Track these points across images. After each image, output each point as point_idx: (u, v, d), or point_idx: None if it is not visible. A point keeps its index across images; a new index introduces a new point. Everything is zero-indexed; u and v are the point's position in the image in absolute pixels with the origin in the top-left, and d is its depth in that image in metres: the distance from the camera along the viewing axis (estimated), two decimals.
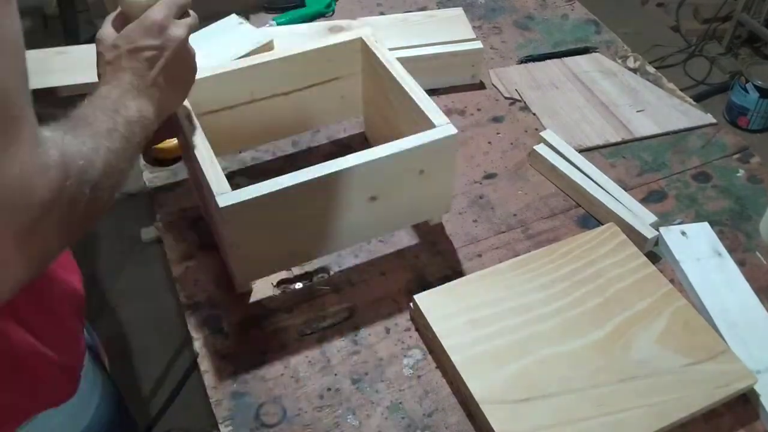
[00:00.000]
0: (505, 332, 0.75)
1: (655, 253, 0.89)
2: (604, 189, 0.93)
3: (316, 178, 0.74)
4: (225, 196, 0.72)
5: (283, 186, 0.73)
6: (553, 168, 0.97)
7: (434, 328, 0.76)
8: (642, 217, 0.89)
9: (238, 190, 0.72)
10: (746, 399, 0.74)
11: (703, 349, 0.74)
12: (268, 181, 0.73)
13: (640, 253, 0.84)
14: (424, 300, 0.79)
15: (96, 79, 0.68)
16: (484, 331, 0.76)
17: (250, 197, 0.72)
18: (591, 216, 0.93)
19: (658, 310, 0.78)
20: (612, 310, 0.78)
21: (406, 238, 0.90)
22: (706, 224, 0.91)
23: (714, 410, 0.72)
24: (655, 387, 0.71)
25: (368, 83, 0.95)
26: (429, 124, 0.80)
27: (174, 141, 0.98)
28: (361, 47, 0.92)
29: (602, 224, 0.92)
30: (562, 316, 0.77)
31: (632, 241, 0.89)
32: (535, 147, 1.00)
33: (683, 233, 0.89)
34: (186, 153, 0.85)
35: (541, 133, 1.01)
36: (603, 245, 0.85)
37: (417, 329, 0.80)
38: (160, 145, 0.98)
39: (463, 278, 0.81)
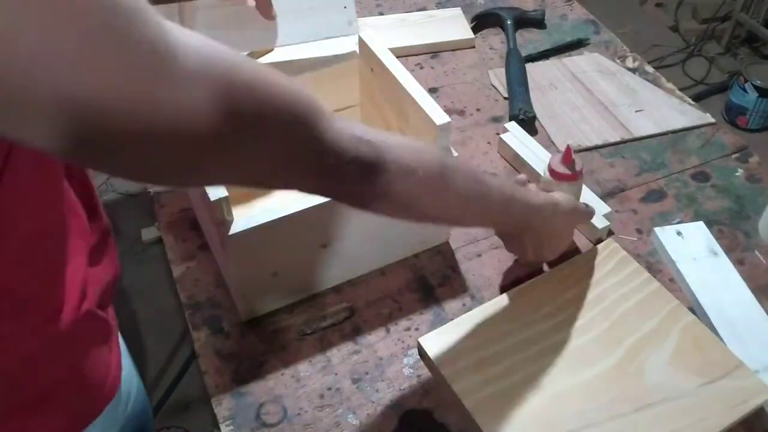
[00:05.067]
0: (515, 369, 0.74)
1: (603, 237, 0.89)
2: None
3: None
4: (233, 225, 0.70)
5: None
6: (517, 156, 0.99)
7: (443, 372, 0.74)
8: (598, 209, 0.90)
9: (242, 220, 0.71)
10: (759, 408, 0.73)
11: (716, 366, 0.74)
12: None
13: (642, 270, 0.83)
14: (429, 342, 0.77)
15: None
16: (493, 369, 0.74)
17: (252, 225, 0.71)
18: None
19: (666, 329, 0.77)
20: (620, 333, 0.77)
21: None
22: (701, 224, 0.91)
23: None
24: (673, 412, 0.70)
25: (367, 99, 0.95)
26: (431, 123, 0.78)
27: None
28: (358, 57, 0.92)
29: None
30: (570, 345, 0.76)
31: (583, 230, 0.91)
32: (501, 135, 1.01)
33: (679, 233, 0.89)
34: None
35: (506, 125, 1.03)
36: (604, 264, 0.84)
37: (428, 367, 0.78)
38: None
39: (467, 314, 0.79)
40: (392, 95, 0.85)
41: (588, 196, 0.92)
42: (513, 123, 1.03)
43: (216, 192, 0.68)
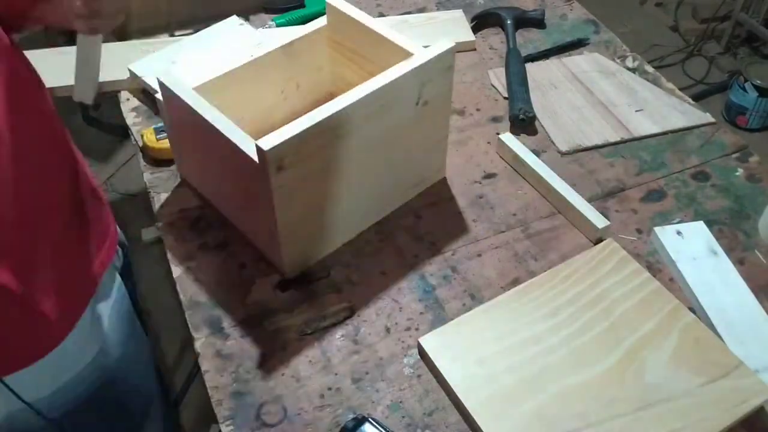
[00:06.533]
0: (516, 369, 0.74)
1: (601, 239, 0.89)
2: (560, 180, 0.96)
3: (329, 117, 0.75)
4: (265, 140, 0.72)
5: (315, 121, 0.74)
6: (516, 156, 0.99)
7: (442, 371, 0.74)
8: (591, 216, 0.90)
9: (273, 133, 0.73)
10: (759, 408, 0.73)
11: (716, 366, 0.74)
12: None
13: (642, 269, 0.84)
14: (429, 342, 0.77)
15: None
16: (493, 369, 0.74)
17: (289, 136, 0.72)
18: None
19: (666, 329, 0.77)
20: (620, 333, 0.77)
21: (406, 238, 0.91)
22: (701, 223, 0.91)
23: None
24: (673, 412, 0.70)
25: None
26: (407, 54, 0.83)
27: None
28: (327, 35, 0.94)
29: (561, 213, 0.93)
30: (570, 345, 0.76)
31: (583, 230, 0.90)
32: (500, 136, 1.01)
33: (679, 233, 0.89)
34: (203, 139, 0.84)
35: (500, 135, 1.02)
36: (604, 264, 0.84)
37: (428, 367, 0.78)
38: (160, 146, 0.99)
39: (467, 314, 0.80)
40: (365, 42, 0.90)
41: (580, 203, 0.92)
42: (508, 134, 1.02)
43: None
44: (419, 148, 0.91)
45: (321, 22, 0.93)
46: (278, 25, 1.24)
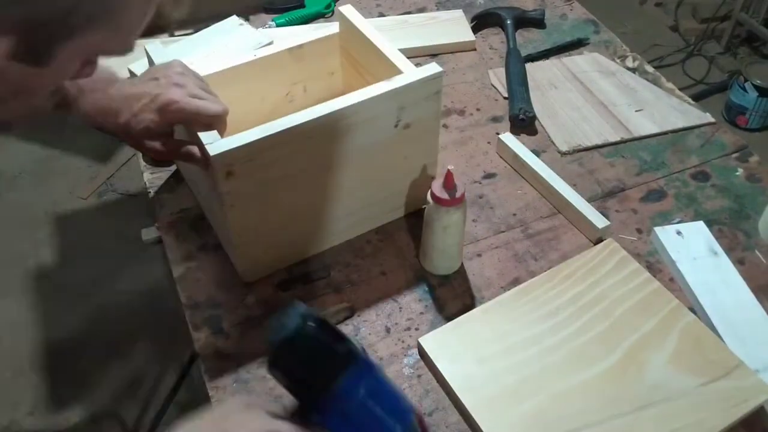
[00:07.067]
0: (515, 368, 0.74)
1: (601, 239, 0.89)
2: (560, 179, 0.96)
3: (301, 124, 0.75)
4: (215, 144, 0.72)
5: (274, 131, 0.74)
6: (515, 156, 0.99)
7: (442, 371, 0.74)
8: (592, 216, 0.91)
9: (230, 138, 0.73)
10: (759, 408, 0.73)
11: (717, 366, 0.74)
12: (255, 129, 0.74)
13: (642, 269, 0.84)
14: (429, 342, 0.77)
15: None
16: (493, 369, 0.74)
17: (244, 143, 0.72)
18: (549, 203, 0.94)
19: (666, 329, 0.77)
20: (620, 333, 0.77)
21: (406, 238, 0.91)
22: (701, 223, 0.91)
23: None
24: (673, 412, 0.70)
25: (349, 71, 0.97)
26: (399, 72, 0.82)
27: None
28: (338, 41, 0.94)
29: (561, 213, 0.93)
30: (570, 345, 0.76)
31: (583, 230, 0.91)
32: (500, 136, 1.01)
33: (679, 233, 0.89)
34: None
35: (501, 135, 1.02)
36: (604, 264, 0.84)
37: (428, 367, 0.78)
38: None
39: (467, 314, 0.80)
40: (368, 53, 0.89)
41: (580, 203, 0.92)
42: (508, 134, 1.02)
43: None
44: (401, 171, 0.88)
45: (334, 28, 0.93)
46: (278, 25, 1.24)
